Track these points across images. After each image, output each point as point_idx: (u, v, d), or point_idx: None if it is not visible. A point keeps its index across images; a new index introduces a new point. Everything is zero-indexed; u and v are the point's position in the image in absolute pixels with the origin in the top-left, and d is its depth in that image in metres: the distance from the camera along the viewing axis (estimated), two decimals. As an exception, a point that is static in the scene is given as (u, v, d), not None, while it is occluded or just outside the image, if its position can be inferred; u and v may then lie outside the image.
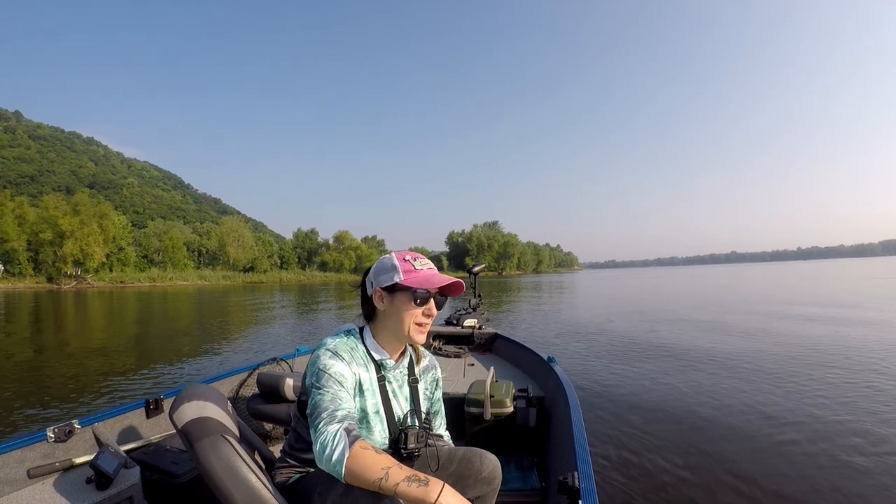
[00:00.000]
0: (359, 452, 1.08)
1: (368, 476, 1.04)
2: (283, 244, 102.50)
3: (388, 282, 1.32)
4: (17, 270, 55.40)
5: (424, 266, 1.35)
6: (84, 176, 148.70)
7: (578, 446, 1.67)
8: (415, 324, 1.32)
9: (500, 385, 2.76)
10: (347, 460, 1.06)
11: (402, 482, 1.02)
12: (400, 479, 1.03)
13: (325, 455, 1.09)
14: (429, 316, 1.34)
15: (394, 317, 1.33)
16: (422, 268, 1.34)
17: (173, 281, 65.45)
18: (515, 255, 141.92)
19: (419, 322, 1.33)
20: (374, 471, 1.04)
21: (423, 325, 1.34)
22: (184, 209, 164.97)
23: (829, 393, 4.86)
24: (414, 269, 1.32)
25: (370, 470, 1.05)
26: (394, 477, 1.03)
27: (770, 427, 3.92)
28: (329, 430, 1.12)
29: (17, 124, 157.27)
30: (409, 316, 1.31)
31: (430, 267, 1.36)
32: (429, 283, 1.30)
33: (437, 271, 1.37)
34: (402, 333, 1.33)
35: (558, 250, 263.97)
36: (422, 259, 1.36)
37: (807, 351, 7.14)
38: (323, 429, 1.13)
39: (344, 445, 1.09)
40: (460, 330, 4.72)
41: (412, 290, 1.30)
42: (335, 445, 1.09)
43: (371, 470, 1.05)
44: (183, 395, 1.37)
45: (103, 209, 63.77)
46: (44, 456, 1.80)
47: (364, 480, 1.05)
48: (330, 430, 1.12)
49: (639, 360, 6.83)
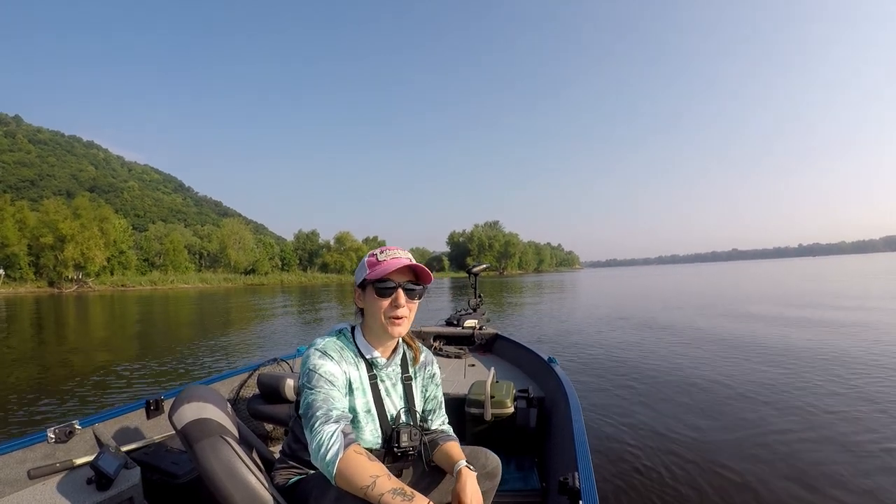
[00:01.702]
0: (352, 456, 1.09)
1: (356, 481, 1.06)
2: (284, 246, 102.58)
3: (360, 279, 1.34)
4: (19, 275, 55.42)
5: (388, 257, 1.31)
6: (84, 180, 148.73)
7: (579, 447, 1.67)
8: (387, 317, 1.30)
9: (500, 385, 2.76)
10: (340, 462, 1.08)
11: (388, 493, 1.04)
12: (385, 489, 1.04)
13: (319, 453, 1.11)
14: (396, 307, 1.30)
15: (370, 313, 1.33)
16: (384, 259, 1.30)
17: (174, 284, 65.47)
18: (516, 254, 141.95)
19: (391, 315, 1.30)
20: (362, 477, 1.06)
21: (396, 318, 1.30)
22: (185, 212, 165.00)
23: (836, 391, 4.85)
24: (378, 262, 1.30)
25: (359, 476, 1.06)
26: (380, 486, 1.04)
27: (771, 428, 3.91)
28: (326, 429, 1.13)
29: (17, 129, 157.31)
30: (378, 310, 1.30)
31: (394, 256, 1.31)
32: (384, 272, 1.27)
33: (403, 260, 1.30)
34: (379, 329, 1.33)
35: (559, 249, 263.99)
36: (390, 250, 1.33)
37: (808, 352, 7.13)
38: (319, 428, 1.14)
39: (339, 447, 1.10)
40: (461, 330, 4.72)
41: (373, 283, 1.29)
42: (330, 445, 1.10)
43: (360, 476, 1.06)
44: (183, 396, 1.37)
45: (104, 213, 63.81)
46: (44, 456, 1.80)
47: (352, 485, 1.06)
48: (326, 429, 1.13)
49: (639, 360, 6.82)
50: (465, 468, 1.32)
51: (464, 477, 1.29)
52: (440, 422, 1.54)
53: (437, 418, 1.53)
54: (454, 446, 1.43)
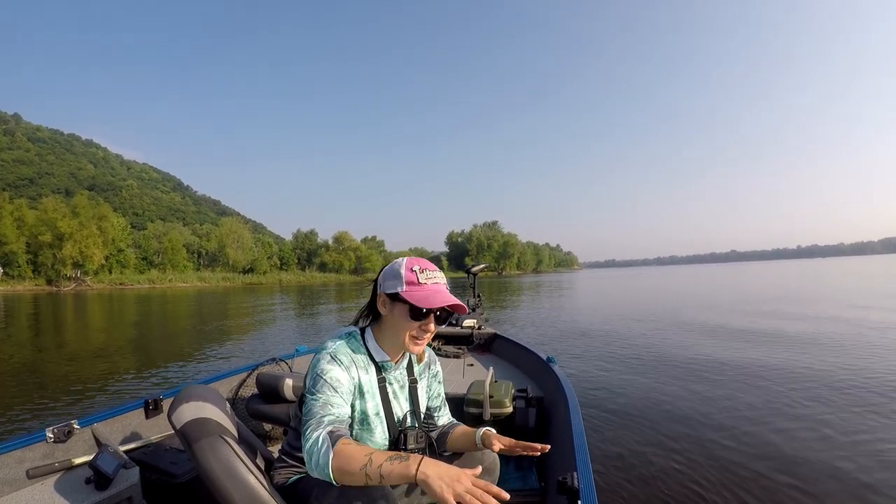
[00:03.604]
0: (341, 449, 1.09)
1: (353, 466, 1.05)
2: (282, 245, 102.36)
3: (391, 289, 1.29)
4: (17, 273, 55.30)
5: (429, 280, 1.29)
6: (83, 178, 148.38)
7: (578, 446, 1.66)
8: (411, 336, 1.30)
9: (499, 385, 2.76)
10: (333, 460, 1.07)
11: (385, 462, 1.04)
12: (382, 459, 1.05)
13: (312, 462, 1.11)
14: (426, 331, 1.31)
15: (393, 325, 1.32)
16: (425, 282, 1.28)
17: (173, 283, 65.37)
18: (515, 254, 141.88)
19: (415, 335, 1.31)
20: (358, 459, 1.06)
21: (419, 339, 1.32)
22: (183, 211, 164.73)
23: (836, 393, 4.86)
24: (417, 283, 1.27)
25: (354, 460, 1.06)
26: (377, 460, 1.05)
27: (772, 427, 3.92)
28: (314, 436, 1.13)
29: (16, 127, 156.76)
30: (405, 328, 1.30)
31: (435, 281, 1.30)
32: (427, 303, 1.25)
33: (443, 286, 1.31)
34: (399, 343, 1.33)
35: (558, 250, 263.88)
36: (430, 272, 1.31)
37: (810, 353, 7.14)
38: (309, 435, 1.14)
39: (327, 447, 1.10)
40: (459, 330, 4.71)
41: (410, 305, 1.27)
42: (319, 450, 1.10)
43: (355, 459, 1.06)
44: (182, 396, 1.37)
45: (102, 211, 63.67)
46: (43, 456, 1.80)
47: (350, 471, 1.06)
48: (314, 436, 1.13)
49: (638, 360, 6.83)
50: (487, 429, 1.41)
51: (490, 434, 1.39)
52: (446, 418, 1.58)
53: (442, 415, 1.56)
54: (465, 427, 1.51)
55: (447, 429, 1.53)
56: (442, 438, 1.50)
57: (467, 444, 1.44)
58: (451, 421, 1.59)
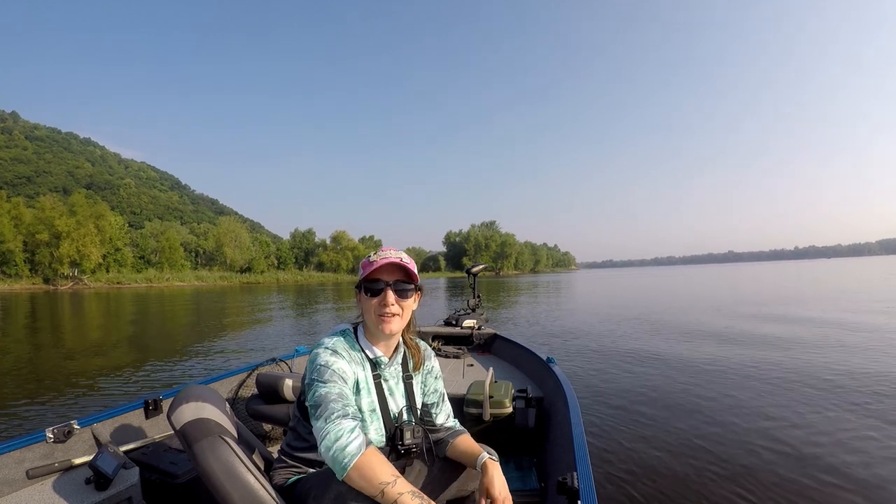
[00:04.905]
0: (371, 457, 1.11)
1: (377, 477, 1.07)
2: (280, 244, 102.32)
3: (358, 280, 1.38)
4: (14, 271, 55.15)
5: (379, 257, 1.33)
6: (81, 177, 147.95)
7: (577, 447, 1.67)
8: (377, 315, 1.33)
9: (499, 385, 2.77)
10: (360, 457, 1.09)
11: (407, 494, 1.06)
12: (405, 490, 1.07)
13: (337, 444, 1.11)
14: (384, 305, 1.32)
15: (364, 312, 1.37)
16: (375, 259, 1.33)
17: (170, 282, 65.26)
18: (513, 254, 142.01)
19: (380, 313, 1.33)
20: (384, 474, 1.08)
21: (384, 316, 1.32)
22: (181, 210, 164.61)
23: (835, 395, 4.88)
24: (370, 263, 1.33)
25: (380, 473, 1.08)
26: (400, 487, 1.07)
27: (772, 428, 3.92)
28: (345, 423, 1.14)
29: (13, 125, 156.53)
30: (370, 308, 1.34)
31: (384, 257, 1.32)
32: (368, 272, 1.31)
33: (395, 259, 1.33)
34: (374, 327, 1.36)
35: (556, 250, 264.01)
36: (383, 251, 1.36)
37: (811, 353, 7.16)
38: (337, 420, 1.14)
39: (361, 442, 1.12)
40: (459, 330, 4.71)
41: (364, 284, 1.34)
42: (352, 439, 1.11)
43: (381, 473, 1.08)
44: (181, 396, 1.37)
45: (100, 210, 63.52)
46: (43, 456, 1.80)
47: (370, 481, 1.07)
48: (346, 424, 1.14)
49: (638, 360, 6.83)
50: (489, 460, 1.34)
51: (490, 469, 1.31)
52: (445, 416, 1.55)
53: (441, 412, 1.54)
54: (469, 439, 1.47)
55: (449, 437, 1.49)
56: (443, 443, 1.48)
57: (467, 461, 1.41)
58: (455, 424, 1.56)
